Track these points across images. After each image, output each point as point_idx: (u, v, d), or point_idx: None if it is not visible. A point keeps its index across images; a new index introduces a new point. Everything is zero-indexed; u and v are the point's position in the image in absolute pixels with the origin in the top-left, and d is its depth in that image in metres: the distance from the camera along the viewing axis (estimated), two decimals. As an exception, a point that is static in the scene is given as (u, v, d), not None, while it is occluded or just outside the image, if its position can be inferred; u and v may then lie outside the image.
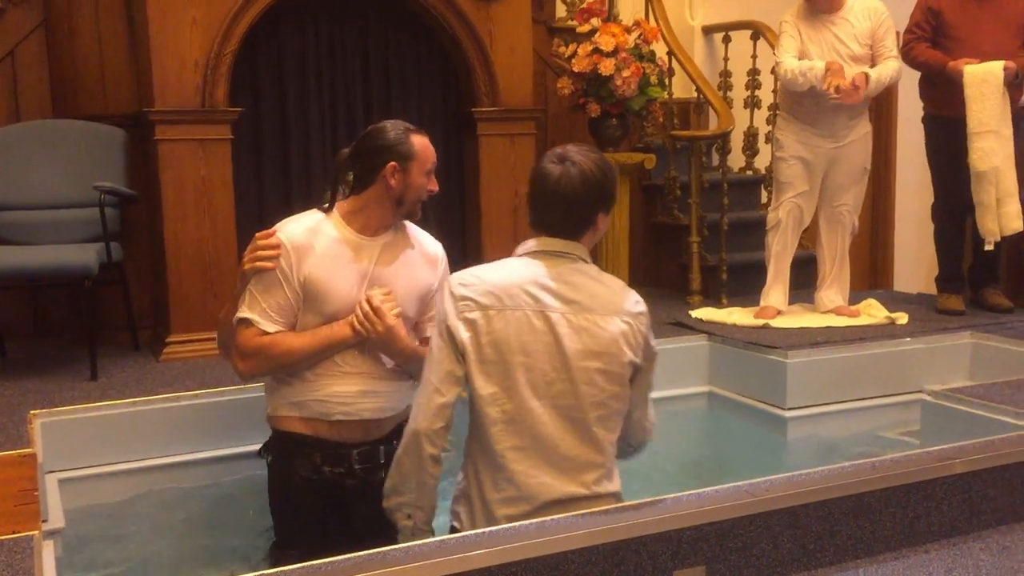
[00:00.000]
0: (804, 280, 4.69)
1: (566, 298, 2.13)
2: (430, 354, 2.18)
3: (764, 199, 5.38)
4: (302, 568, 1.83)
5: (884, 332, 4.08)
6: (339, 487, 2.48)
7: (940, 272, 4.62)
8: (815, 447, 3.76)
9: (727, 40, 5.58)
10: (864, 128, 4.27)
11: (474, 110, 4.34)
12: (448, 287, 2.18)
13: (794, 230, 4.33)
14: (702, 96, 5.13)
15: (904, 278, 6.24)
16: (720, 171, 4.99)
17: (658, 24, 5.07)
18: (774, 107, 4.90)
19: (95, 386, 3.40)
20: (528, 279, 2.14)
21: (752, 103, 5.40)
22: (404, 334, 2.47)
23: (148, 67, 3.80)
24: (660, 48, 4.94)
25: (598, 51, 4.48)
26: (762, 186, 5.46)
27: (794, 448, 3.78)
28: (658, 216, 5.36)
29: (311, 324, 2.43)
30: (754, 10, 5.58)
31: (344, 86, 4.30)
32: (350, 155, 2.52)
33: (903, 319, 4.25)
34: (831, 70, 4.00)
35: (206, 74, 3.79)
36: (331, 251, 2.44)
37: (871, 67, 4.12)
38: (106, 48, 4.13)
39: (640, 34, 4.66)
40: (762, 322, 4.22)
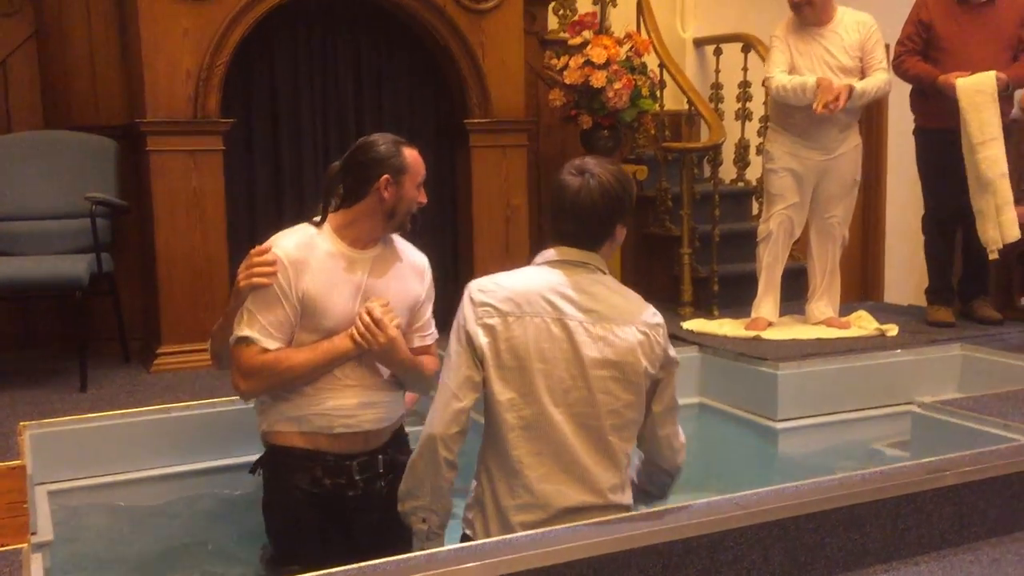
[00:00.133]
0: (795, 292, 4.70)
1: (584, 307, 2.14)
2: (448, 359, 2.19)
3: (755, 211, 5.39)
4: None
5: (874, 344, 4.09)
6: (340, 499, 2.47)
7: (930, 284, 4.64)
8: (806, 458, 3.77)
9: (718, 52, 5.60)
10: (854, 140, 4.29)
11: (466, 121, 4.35)
12: (468, 293, 2.19)
13: (785, 242, 4.35)
14: (693, 108, 5.15)
15: (894, 290, 6.26)
16: (711, 183, 5.01)
17: (649, 36, 5.10)
18: (765, 119, 4.92)
19: (85, 397, 3.39)
20: (547, 287, 2.15)
21: (743, 115, 5.42)
22: (404, 344, 2.48)
23: (140, 77, 3.80)
24: (652, 60, 4.96)
25: (590, 63, 4.50)
26: (753, 198, 5.48)
27: (785, 459, 3.79)
28: (650, 227, 5.37)
29: (308, 340, 2.43)
30: (745, 23, 5.61)
31: (336, 97, 4.31)
32: (341, 168, 2.52)
33: (893, 331, 4.26)
34: (822, 87, 4.02)
35: (198, 85, 3.79)
36: (326, 266, 2.43)
37: (860, 79, 4.14)
38: (98, 58, 4.13)
39: (632, 46, 4.68)
40: (753, 333, 4.23)
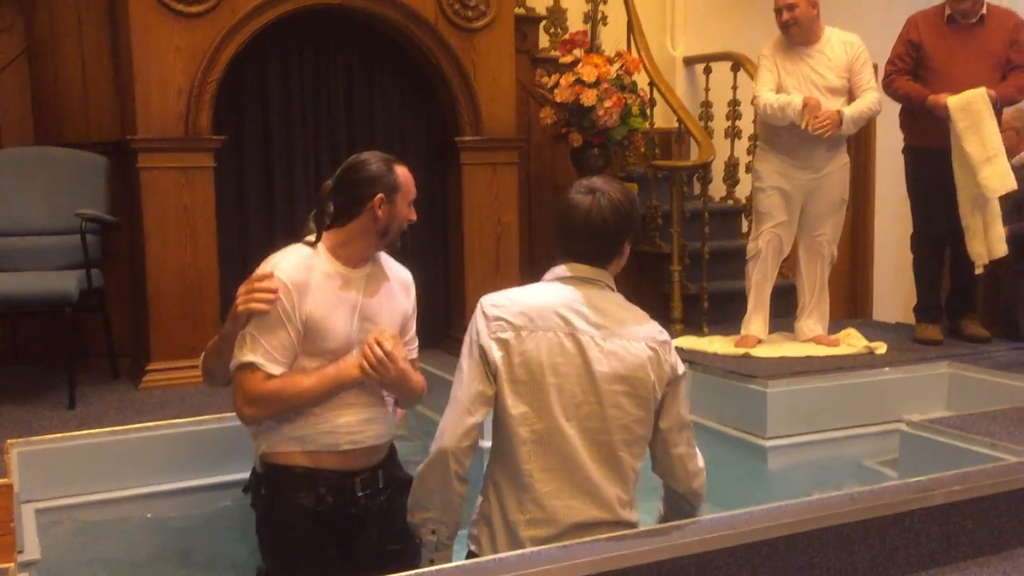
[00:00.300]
0: (784, 309, 4.72)
1: (596, 322, 2.15)
2: (459, 374, 2.19)
3: (745, 228, 5.42)
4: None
5: (863, 362, 4.11)
6: (342, 515, 2.47)
7: (918, 302, 4.66)
8: (795, 476, 3.77)
9: (708, 71, 5.64)
10: (842, 159, 4.32)
11: (457, 139, 4.36)
12: (480, 308, 2.20)
13: (774, 259, 4.37)
14: (683, 126, 5.17)
15: (883, 307, 6.30)
16: (701, 200, 5.04)
17: (640, 55, 5.12)
18: (754, 137, 4.96)
19: (73, 415, 3.37)
20: (559, 302, 2.16)
21: (733, 133, 5.45)
22: (412, 373, 2.50)
23: (131, 94, 3.80)
24: (642, 79, 4.99)
25: (580, 81, 4.52)
26: (743, 215, 5.51)
27: (774, 477, 3.79)
28: (639, 245, 5.38)
29: (310, 364, 2.42)
30: (735, 42, 5.64)
31: (328, 114, 4.32)
32: (332, 187, 2.52)
33: (882, 348, 4.28)
34: (808, 106, 4.05)
35: (189, 102, 3.79)
36: (325, 287, 2.43)
37: (848, 99, 4.18)
38: (89, 75, 4.14)
39: (622, 65, 4.71)
40: (743, 351, 4.24)
